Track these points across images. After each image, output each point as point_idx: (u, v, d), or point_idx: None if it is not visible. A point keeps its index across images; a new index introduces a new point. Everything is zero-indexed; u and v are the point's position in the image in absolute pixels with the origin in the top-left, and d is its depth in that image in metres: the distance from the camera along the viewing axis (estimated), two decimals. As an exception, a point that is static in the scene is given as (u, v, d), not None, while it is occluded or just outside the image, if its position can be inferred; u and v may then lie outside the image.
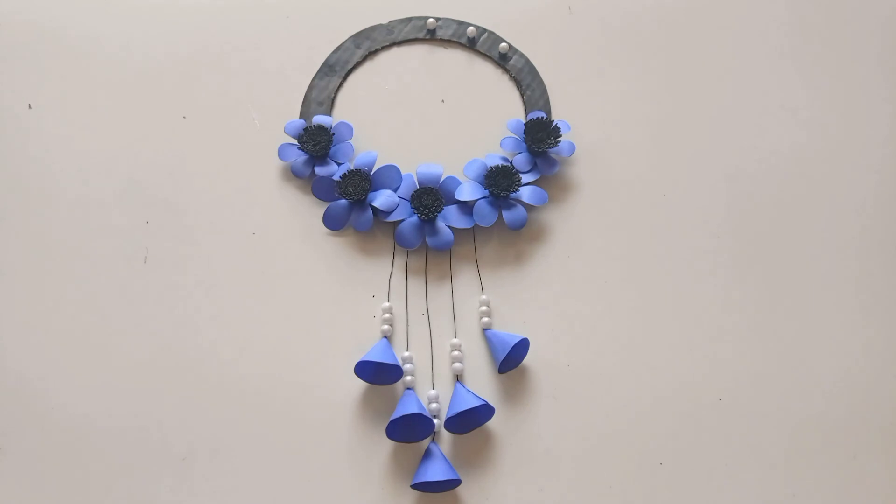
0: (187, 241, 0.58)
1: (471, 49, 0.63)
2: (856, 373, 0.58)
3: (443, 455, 0.54)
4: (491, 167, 0.58)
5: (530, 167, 0.59)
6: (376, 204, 0.57)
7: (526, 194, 0.58)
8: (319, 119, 0.60)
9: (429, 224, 0.58)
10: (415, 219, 0.58)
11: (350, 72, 0.62)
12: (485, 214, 0.58)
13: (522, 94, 0.62)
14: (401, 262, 0.58)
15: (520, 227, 0.58)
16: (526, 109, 0.61)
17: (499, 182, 0.57)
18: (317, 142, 0.58)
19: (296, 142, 0.59)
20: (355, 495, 0.54)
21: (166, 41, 0.62)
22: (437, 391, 0.56)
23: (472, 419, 0.54)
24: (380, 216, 0.58)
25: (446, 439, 0.55)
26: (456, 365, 0.56)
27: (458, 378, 0.56)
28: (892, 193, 0.61)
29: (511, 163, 0.59)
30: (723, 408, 0.56)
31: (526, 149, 0.59)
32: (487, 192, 0.58)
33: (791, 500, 0.56)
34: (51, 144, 0.60)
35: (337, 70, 0.62)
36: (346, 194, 0.57)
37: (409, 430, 0.54)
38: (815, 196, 0.61)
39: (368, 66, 0.62)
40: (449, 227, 0.58)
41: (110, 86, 0.61)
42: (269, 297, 0.57)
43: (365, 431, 0.55)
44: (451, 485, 0.54)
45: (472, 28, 0.62)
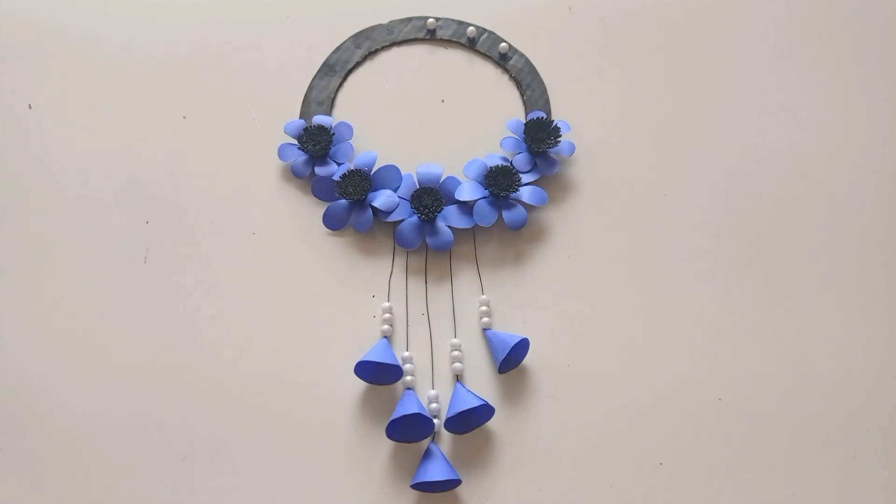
0: (187, 241, 0.58)
1: (471, 49, 0.63)
2: (856, 373, 0.58)
3: (443, 455, 0.54)
4: (491, 167, 0.58)
5: (530, 167, 0.59)
6: (376, 204, 0.57)
7: (526, 194, 0.58)
8: (319, 119, 0.60)
9: (429, 224, 0.58)
10: (415, 219, 0.58)
11: (350, 72, 0.62)
12: (485, 214, 0.58)
13: (522, 94, 0.62)
14: (401, 262, 0.58)
15: (520, 227, 0.58)
16: (526, 109, 0.61)
17: (499, 182, 0.57)
18: (317, 142, 0.58)
19: (296, 142, 0.59)
20: (355, 495, 0.54)
21: (166, 41, 0.62)
22: (437, 391, 0.56)
23: (472, 419, 0.54)
24: (380, 216, 0.58)
25: (446, 439, 0.55)
26: (456, 365, 0.56)
27: (458, 378, 0.56)
28: (892, 193, 0.61)
29: (511, 163, 0.59)
30: (723, 408, 0.56)
31: (526, 149, 0.59)
32: (487, 192, 0.58)
33: (791, 500, 0.56)
34: (51, 144, 0.60)
35: (337, 70, 0.62)
36: (346, 194, 0.57)
37: (409, 430, 0.54)
38: (815, 196, 0.61)
39: (368, 66, 0.62)
40: (449, 227, 0.58)
41: (110, 86, 0.61)
42: (269, 297, 0.57)
43: (365, 431, 0.55)
44: (451, 485, 0.54)
45: (472, 28, 0.62)
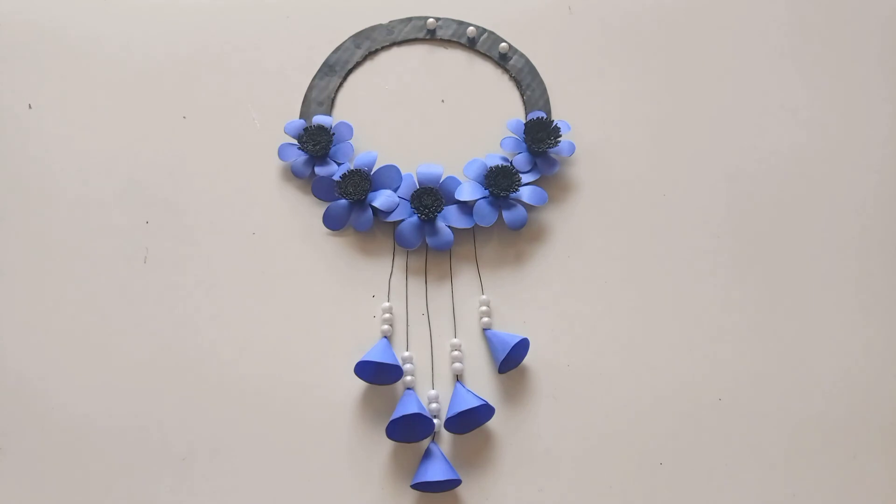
0: (187, 241, 0.58)
1: (471, 49, 0.63)
2: (856, 373, 0.58)
3: (443, 455, 0.54)
4: (491, 167, 0.58)
5: (530, 167, 0.59)
6: (376, 204, 0.57)
7: (526, 194, 0.58)
8: (319, 119, 0.60)
9: (429, 224, 0.58)
10: (415, 219, 0.58)
11: (350, 72, 0.62)
12: (485, 214, 0.58)
13: (522, 94, 0.62)
14: (401, 262, 0.58)
15: (520, 227, 0.58)
16: (526, 109, 0.61)
17: (499, 182, 0.57)
18: (317, 142, 0.58)
19: (296, 142, 0.59)
20: (355, 495, 0.54)
21: (166, 41, 0.62)
22: (437, 391, 0.56)
23: (472, 419, 0.54)
24: (380, 216, 0.58)
25: (446, 439, 0.55)
26: (456, 365, 0.56)
27: (458, 378, 0.56)
28: (892, 193, 0.61)
29: (511, 163, 0.59)
30: (723, 408, 0.56)
31: (526, 149, 0.59)
32: (487, 192, 0.58)
33: (791, 500, 0.56)
34: (51, 144, 0.60)
35: (337, 70, 0.62)
36: (346, 194, 0.57)
37: (409, 430, 0.54)
38: (815, 196, 0.61)
39: (368, 66, 0.62)
40: (449, 227, 0.58)
41: (110, 86, 0.61)
42: (269, 297, 0.57)
43: (365, 431, 0.55)
44: (451, 485, 0.54)
45: (472, 28, 0.62)
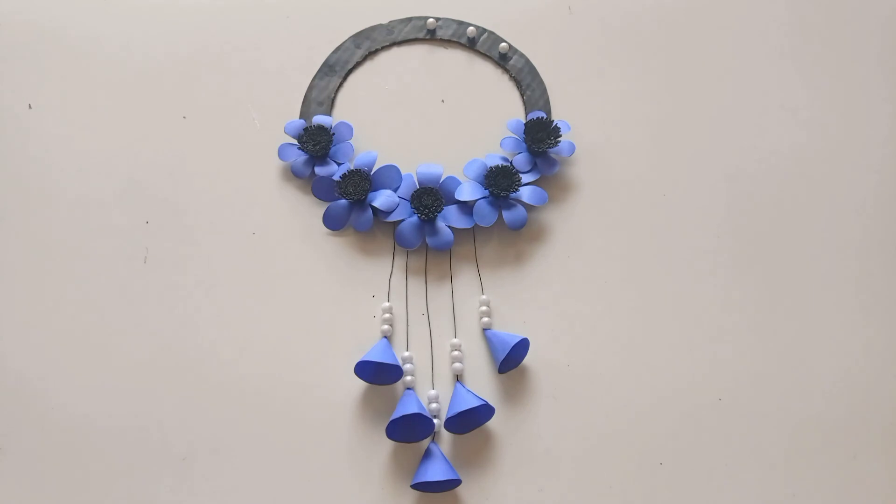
0: (187, 241, 0.58)
1: (471, 49, 0.63)
2: (856, 373, 0.58)
3: (443, 455, 0.54)
4: (491, 167, 0.58)
5: (530, 167, 0.59)
6: (376, 204, 0.57)
7: (526, 194, 0.58)
8: (319, 119, 0.60)
9: (429, 224, 0.58)
10: (415, 219, 0.58)
11: (350, 72, 0.62)
12: (485, 214, 0.58)
13: (522, 94, 0.62)
14: (401, 262, 0.58)
15: (520, 227, 0.58)
16: (526, 109, 0.61)
17: (499, 182, 0.57)
18: (317, 142, 0.58)
19: (296, 142, 0.59)
20: (355, 495, 0.54)
21: (166, 41, 0.62)
22: (437, 391, 0.56)
23: (472, 419, 0.54)
24: (380, 216, 0.58)
25: (446, 439, 0.55)
26: (456, 365, 0.56)
27: (458, 378, 0.56)
28: (892, 193, 0.61)
29: (511, 163, 0.59)
30: (723, 408, 0.56)
31: (526, 149, 0.59)
32: (487, 192, 0.58)
33: (791, 500, 0.56)
34: (51, 144, 0.60)
35: (337, 70, 0.62)
36: (346, 194, 0.57)
37: (409, 430, 0.54)
38: (815, 196, 0.61)
39: (368, 66, 0.62)
40: (449, 227, 0.58)
41: (110, 86, 0.61)
42: (269, 297, 0.57)
43: (365, 431, 0.55)
44: (451, 485, 0.54)
45: (472, 28, 0.62)
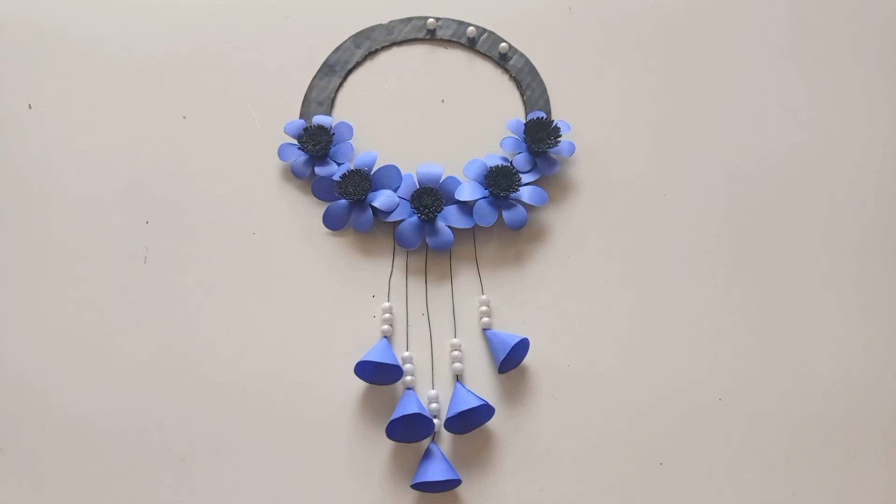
0: (187, 241, 0.58)
1: (471, 49, 0.63)
2: (856, 373, 0.58)
3: (443, 455, 0.54)
4: (491, 167, 0.58)
5: (530, 167, 0.59)
6: (376, 204, 0.57)
7: (526, 194, 0.58)
8: (319, 119, 0.60)
9: (429, 224, 0.58)
10: (415, 219, 0.58)
11: (350, 72, 0.62)
12: (485, 214, 0.58)
13: (522, 94, 0.62)
14: (401, 262, 0.58)
15: (520, 227, 0.58)
16: (526, 109, 0.61)
17: (499, 182, 0.57)
18: (317, 142, 0.58)
19: (296, 142, 0.59)
20: (355, 495, 0.54)
21: (166, 41, 0.62)
22: (437, 391, 0.56)
23: (472, 419, 0.54)
24: (380, 216, 0.58)
25: (446, 439, 0.55)
26: (456, 365, 0.56)
27: (458, 378, 0.56)
28: (892, 193, 0.61)
29: (511, 163, 0.59)
30: (723, 408, 0.56)
31: (526, 149, 0.59)
32: (487, 192, 0.58)
33: (791, 500, 0.56)
34: (51, 144, 0.60)
35: (337, 70, 0.62)
36: (346, 194, 0.57)
37: (409, 430, 0.54)
38: (815, 196, 0.61)
39: (368, 66, 0.62)
40: (449, 227, 0.58)
41: (110, 86, 0.61)
42: (269, 297, 0.57)
43: (365, 431, 0.55)
44: (451, 485, 0.54)
45: (472, 28, 0.62)
